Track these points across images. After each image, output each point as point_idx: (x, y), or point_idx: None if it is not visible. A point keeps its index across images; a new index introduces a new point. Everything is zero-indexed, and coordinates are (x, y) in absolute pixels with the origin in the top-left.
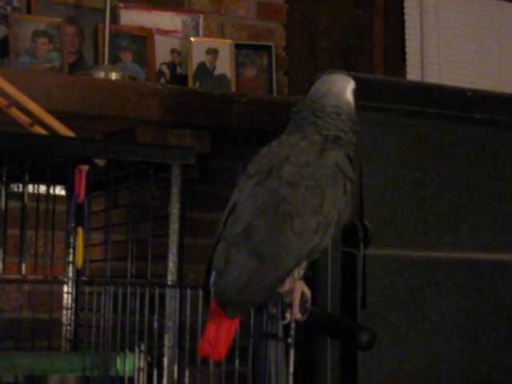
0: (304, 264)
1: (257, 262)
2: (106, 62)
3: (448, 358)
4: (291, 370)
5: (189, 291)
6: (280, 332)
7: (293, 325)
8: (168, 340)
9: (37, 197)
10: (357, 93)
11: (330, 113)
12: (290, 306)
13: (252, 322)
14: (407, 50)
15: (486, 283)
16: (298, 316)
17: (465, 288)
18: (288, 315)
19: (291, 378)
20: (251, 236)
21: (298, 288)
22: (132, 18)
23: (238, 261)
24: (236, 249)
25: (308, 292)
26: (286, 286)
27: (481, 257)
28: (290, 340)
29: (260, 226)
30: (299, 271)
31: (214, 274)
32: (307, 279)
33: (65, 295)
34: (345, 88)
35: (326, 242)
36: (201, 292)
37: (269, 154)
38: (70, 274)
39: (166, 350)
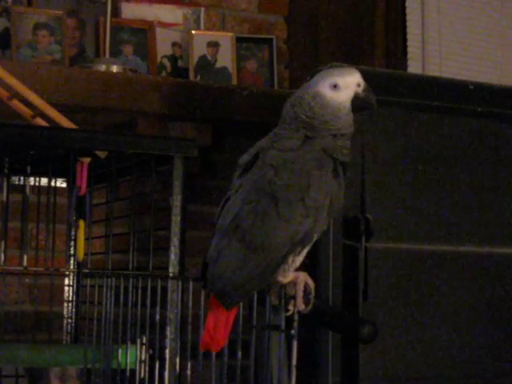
0: (299, 250)
1: (246, 250)
2: (107, 55)
3: (449, 350)
4: (294, 361)
5: (191, 283)
6: (283, 324)
7: (296, 316)
8: (170, 332)
9: (38, 189)
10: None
11: (304, 100)
12: (293, 297)
13: (254, 313)
14: (408, 43)
15: (487, 276)
16: (302, 307)
17: (466, 281)
18: (291, 307)
19: (294, 370)
20: (239, 224)
21: (301, 279)
22: (133, 10)
23: (228, 250)
24: (227, 239)
25: (311, 284)
26: (289, 277)
27: (482, 250)
28: (292, 332)
29: (247, 214)
30: (294, 258)
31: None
32: (305, 267)
33: (66, 288)
34: (325, 78)
35: (320, 228)
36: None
37: (257, 145)
38: (72, 267)
39: (167, 343)
